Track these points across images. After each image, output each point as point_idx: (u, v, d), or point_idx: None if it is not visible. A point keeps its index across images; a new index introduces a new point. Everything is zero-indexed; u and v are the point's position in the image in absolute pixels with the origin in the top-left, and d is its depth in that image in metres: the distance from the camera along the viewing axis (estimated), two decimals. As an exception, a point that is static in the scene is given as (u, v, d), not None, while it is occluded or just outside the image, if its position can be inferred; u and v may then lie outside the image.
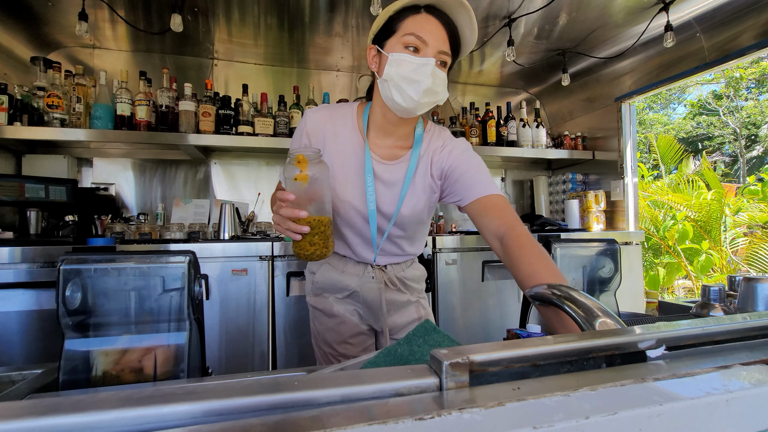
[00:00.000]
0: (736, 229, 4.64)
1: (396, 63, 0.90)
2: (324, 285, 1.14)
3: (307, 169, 0.83)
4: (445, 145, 1.10)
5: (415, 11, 0.91)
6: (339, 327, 1.14)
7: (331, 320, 1.15)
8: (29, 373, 0.79)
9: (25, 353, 1.65)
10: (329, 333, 1.15)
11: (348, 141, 1.03)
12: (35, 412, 0.31)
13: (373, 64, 0.98)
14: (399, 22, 0.92)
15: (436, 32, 0.91)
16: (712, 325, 0.48)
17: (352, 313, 1.15)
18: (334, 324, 1.14)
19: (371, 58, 0.98)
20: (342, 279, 1.12)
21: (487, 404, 0.31)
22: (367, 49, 0.99)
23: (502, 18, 2.23)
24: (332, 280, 1.13)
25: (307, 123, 1.04)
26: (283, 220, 0.83)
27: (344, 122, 1.05)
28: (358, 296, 1.14)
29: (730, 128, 11.66)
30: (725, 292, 1.04)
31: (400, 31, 0.91)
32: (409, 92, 0.91)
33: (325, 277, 1.14)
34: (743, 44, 2.04)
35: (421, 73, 0.90)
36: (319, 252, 0.87)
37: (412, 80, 0.90)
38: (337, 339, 1.14)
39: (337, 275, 1.12)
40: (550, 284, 0.70)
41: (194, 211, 2.41)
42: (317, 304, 1.17)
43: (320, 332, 1.17)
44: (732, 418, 0.33)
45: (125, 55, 2.50)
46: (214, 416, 0.32)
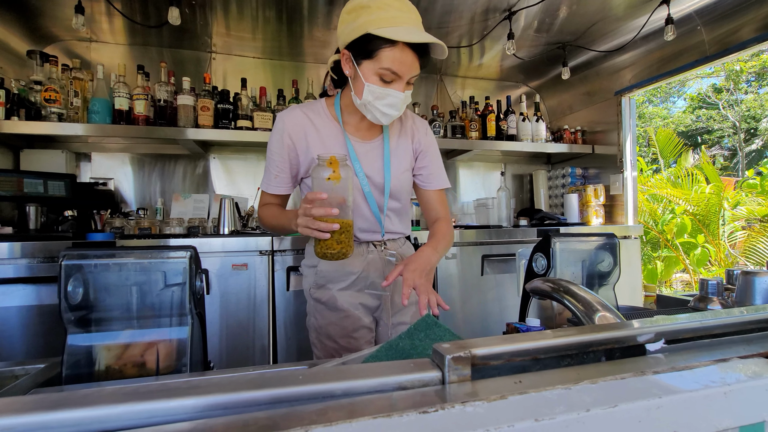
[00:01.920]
0: (734, 222, 4.66)
1: (371, 93, 0.99)
2: (328, 274, 1.15)
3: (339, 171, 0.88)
4: (423, 126, 1.25)
5: (391, 43, 0.94)
6: (343, 321, 1.15)
7: (335, 314, 1.15)
8: (32, 368, 0.80)
9: (27, 348, 1.66)
10: (333, 327, 1.15)
11: (328, 132, 1.11)
12: (42, 407, 0.31)
13: (347, 70, 1.02)
14: (377, 50, 0.95)
15: (410, 64, 0.97)
16: (711, 318, 0.49)
17: (356, 307, 1.16)
18: (338, 318, 1.15)
19: (345, 62, 1.01)
20: (346, 263, 1.13)
21: (489, 397, 0.32)
22: (341, 53, 1.01)
23: (502, 11, 2.22)
24: (336, 266, 1.14)
25: (286, 123, 1.10)
26: (311, 220, 0.87)
27: (320, 116, 1.13)
28: (362, 280, 1.16)
29: (729, 122, 11.65)
30: (723, 285, 1.05)
31: (377, 61, 0.96)
32: (378, 116, 1.03)
33: (330, 265, 1.14)
34: (744, 37, 2.03)
35: (392, 103, 1.00)
36: (344, 250, 0.91)
37: (384, 107, 1.00)
38: (340, 333, 1.15)
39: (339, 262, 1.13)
40: (549, 278, 0.71)
41: (193, 206, 2.40)
42: (321, 297, 1.17)
43: (323, 327, 1.18)
44: (730, 410, 0.34)
45: (122, 48, 2.48)
46: (220, 410, 0.33)
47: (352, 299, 1.16)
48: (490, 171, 3.25)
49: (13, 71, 2.20)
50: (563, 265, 1.19)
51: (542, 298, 1.08)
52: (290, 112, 1.12)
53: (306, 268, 1.22)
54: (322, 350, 1.20)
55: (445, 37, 2.48)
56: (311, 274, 1.18)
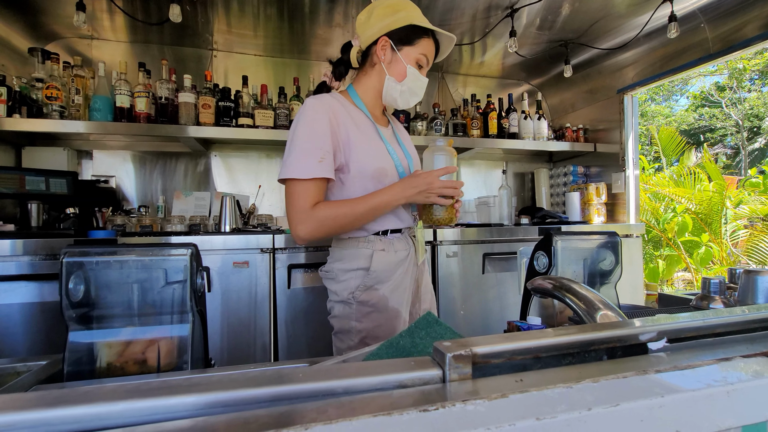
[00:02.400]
0: (736, 221, 4.64)
1: (413, 77, 1.13)
2: (380, 274, 1.12)
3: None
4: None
5: (427, 35, 1.13)
6: (393, 322, 1.13)
7: (384, 315, 1.12)
8: (34, 364, 0.80)
9: (29, 345, 1.66)
10: (381, 330, 1.12)
11: (359, 120, 1.15)
12: (43, 404, 0.31)
13: (381, 54, 1.12)
14: (417, 38, 1.12)
15: (433, 56, 1.17)
16: (713, 317, 0.48)
17: (402, 305, 1.16)
18: (387, 319, 1.12)
19: (382, 49, 1.11)
20: (395, 258, 1.15)
21: (490, 396, 0.32)
22: (380, 40, 1.11)
23: (504, 8, 2.21)
24: (389, 263, 1.13)
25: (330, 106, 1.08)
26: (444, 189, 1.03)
27: (345, 104, 1.16)
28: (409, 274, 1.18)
29: (732, 120, 11.59)
30: (725, 284, 1.05)
31: (418, 48, 1.12)
32: (410, 100, 1.17)
33: (382, 263, 1.12)
34: (748, 35, 2.02)
35: (421, 89, 1.17)
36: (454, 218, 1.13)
37: (415, 93, 1.16)
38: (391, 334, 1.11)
39: (392, 256, 1.14)
40: (551, 277, 0.71)
41: (195, 203, 2.40)
42: (369, 299, 1.11)
43: (371, 330, 1.12)
44: (733, 409, 0.34)
45: (124, 46, 2.48)
46: (220, 407, 0.33)
47: (400, 298, 1.15)
48: (492, 169, 3.24)
49: (15, 69, 2.20)
50: (565, 264, 1.19)
51: (543, 296, 1.08)
52: (325, 98, 1.10)
53: (344, 272, 1.13)
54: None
55: (446, 34, 2.47)
56: (356, 276, 1.12)
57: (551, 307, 1.16)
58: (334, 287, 1.15)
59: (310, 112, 1.06)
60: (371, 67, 1.17)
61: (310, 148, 1.02)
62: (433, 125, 2.67)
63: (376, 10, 1.11)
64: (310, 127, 1.04)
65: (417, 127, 2.64)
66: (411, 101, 1.17)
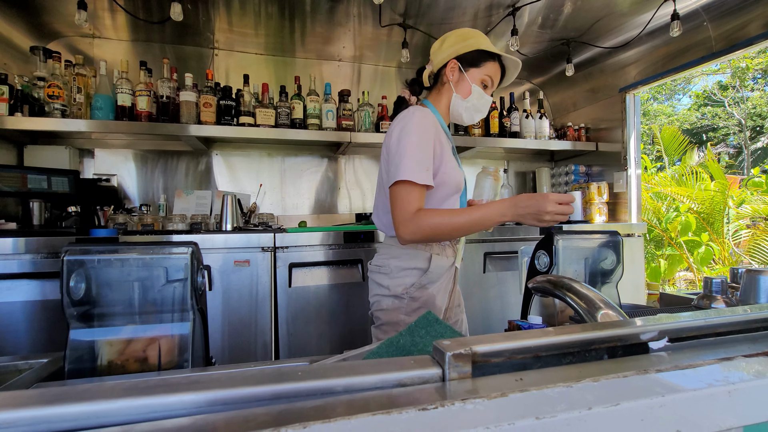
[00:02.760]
0: (739, 221, 4.63)
1: (477, 95, 1.26)
2: (434, 275, 1.22)
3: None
4: None
5: (493, 58, 1.26)
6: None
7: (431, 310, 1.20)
8: (35, 362, 0.80)
9: (31, 343, 1.67)
10: None
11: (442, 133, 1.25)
12: (44, 401, 0.31)
13: (450, 74, 1.26)
14: (483, 61, 1.25)
15: (498, 78, 1.30)
16: (714, 317, 0.48)
17: (444, 304, 1.26)
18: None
19: (450, 69, 1.26)
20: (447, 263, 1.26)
21: (490, 395, 0.32)
22: (450, 62, 1.25)
23: (506, 7, 2.20)
24: (443, 266, 1.24)
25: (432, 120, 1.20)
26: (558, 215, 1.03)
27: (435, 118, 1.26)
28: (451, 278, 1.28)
29: (735, 119, 11.54)
30: (727, 284, 1.04)
31: (483, 69, 1.25)
32: (474, 116, 1.30)
33: (438, 266, 1.22)
34: (751, 33, 2.01)
35: (485, 106, 1.29)
36: None
37: (479, 110, 1.29)
38: None
39: (444, 261, 1.25)
40: (552, 276, 0.71)
41: (196, 202, 2.41)
42: (420, 296, 1.21)
43: None
44: (734, 409, 0.34)
45: (125, 44, 2.48)
46: (219, 405, 0.33)
47: (443, 298, 1.25)
48: (493, 168, 3.23)
49: (17, 67, 2.20)
50: (566, 263, 1.18)
51: (544, 295, 1.07)
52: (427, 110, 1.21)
53: (401, 270, 1.22)
54: None
55: (448, 33, 2.47)
56: (413, 275, 1.21)
57: (552, 306, 1.16)
58: (387, 282, 1.23)
59: (419, 121, 1.14)
60: (441, 86, 1.30)
61: (421, 158, 1.10)
62: (435, 124, 2.67)
63: (449, 38, 1.27)
64: (419, 136, 1.12)
65: (418, 125, 2.63)
66: (475, 117, 1.30)
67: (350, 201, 2.91)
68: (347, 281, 2.07)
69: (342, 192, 2.89)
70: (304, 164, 2.81)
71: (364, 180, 2.94)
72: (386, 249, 1.27)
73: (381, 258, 1.27)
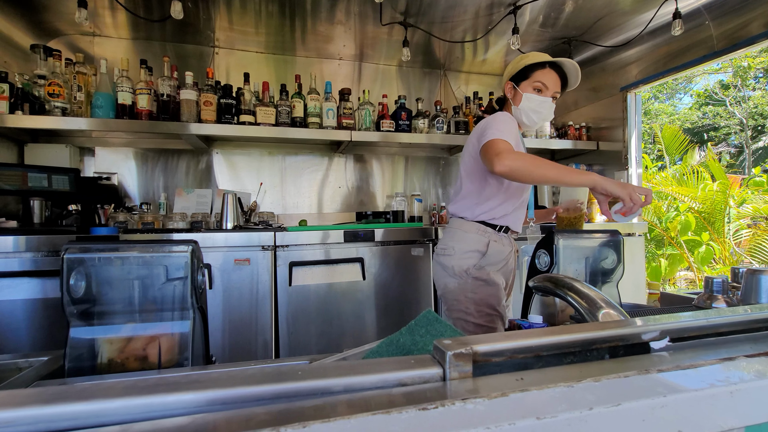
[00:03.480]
0: (740, 220, 4.62)
1: (527, 100, 1.44)
2: (493, 259, 1.43)
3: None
4: None
5: (542, 66, 1.44)
6: (499, 292, 1.42)
7: (493, 288, 1.41)
8: (35, 360, 0.80)
9: (31, 341, 1.67)
10: (492, 298, 1.41)
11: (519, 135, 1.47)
12: (42, 400, 0.31)
13: (509, 94, 1.50)
14: (531, 72, 1.44)
15: (554, 81, 1.44)
16: (716, 317, 0.48)
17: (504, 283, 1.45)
18: (495, 290, 1.41)
19: (508, 89, 1.50)
20: (504, 250, 1.46)
21: (490, 395, 0.31)
22: (506, 84, 1.51)
23: (507, 5, 2.19)
24: (501, 251, 1.45)
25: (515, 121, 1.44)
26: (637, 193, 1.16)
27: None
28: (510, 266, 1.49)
29: (736, 119, 11.52)
30: (728, 283, 1.04)
31: (532, 79, 1.44)
32: (533, 118, 1.46)
33: (496, 251, 1.43)
34: (753, 32, 2.00)
35: (543, 107, 1.44)
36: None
37: (537, 111, 1.45)
38: (498, 302, 1.41)
39: (502, 247, 1.46)
40: (553, 275, 0.70)
41: (196, 200, 2.41)
42: (481, 275, 1.41)
43: (483, 299, 1.40)
44: (736, 409, 0.33)
45: (125, 43, 2.48)
46: (218, 405, 0.33)
47: (503, 277, 1.45)
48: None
49: (17, 65, 2.20)
50: (566, 262, 1.18)
51: (545, 294, 1.07)
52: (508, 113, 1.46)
53: (464, 252, 1.43)
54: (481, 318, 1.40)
55: (449, 32, 2.46)
56: (473, 257, 1.42)
57: (553, 305, 1.16)
58: (451, 263, 1.44)
59: (503, 117, 1.38)
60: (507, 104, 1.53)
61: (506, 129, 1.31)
62: (435, 123, 2.67)
63: (507, 66, 1.52)
64: (505, 123, 1.34)
65: (418, 124, 2.63)
66: (533, 117, 1.45)
67: (351, 200, 2.90)
68: (347, 280, 2.07)
69: (342, 191, 2.89)
70: (304, 163, 2.80)
71: (364, 179, 2.94)
72: (451, 233, 1.49)
73: (445, 241, 1.48)
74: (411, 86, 3.04)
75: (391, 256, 2.15)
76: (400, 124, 2.59)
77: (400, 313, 2.16)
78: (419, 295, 2.20)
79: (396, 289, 2.16)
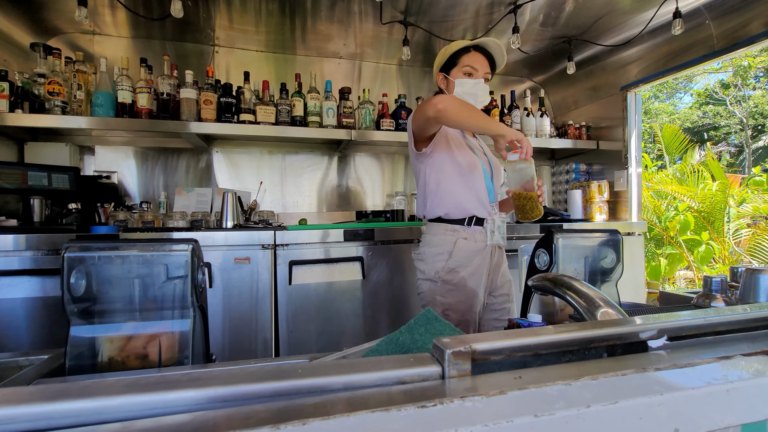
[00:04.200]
0: (739, 220, 4.62)
1: (460, 85, 1.44)
2: (462, 258, 1.39)
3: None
4: None
5: (466, 51, 1.45)
6: (470, 299, 1.40)
7: (462, 293, 1.39)
8: (36, 358, 0.80)
9: (32, 339, 1.67)
10: (461, 304, 1.39)
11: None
12: (44, 398, 0.31)
13: (442, 85, 1.52)
14: (458, 58, 1.46)
15: (482, 63, 1.46)
16: (714, 315, 0.48)
17: (479, 287, 1.42)
18: (465, 296, 1.39)
19: (440, 81, 1.52)
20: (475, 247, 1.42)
21: (489, 393, 0.32)
22: (437, 75, 1.52)
23: (507, 4, 2.19)
24: (470, 249, 1.40)
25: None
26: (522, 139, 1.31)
27: None
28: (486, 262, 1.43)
29: (736, 118, 11.51)
30: (727, 283, 1.04)
31: (460, 64, 1.45)
32: (470, 102, 1.41)
33: (463, 249, 1.39)
34: (753, 32, 2.00)
35: (477, 89, 1.45)
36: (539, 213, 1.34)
37: (472, 94, 1.44)
38: (469, 309, 1.40)
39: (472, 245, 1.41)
40: (552, 274, 0.71)
41: (196, 199, 2.41)
42: (450, 278, 1.39)
43: (452, 304, 1.39)
44: (732, 408, 0.34)
45: (125, 41, 2.47)
46: (219, 402, 0.33)
47: (477, 281, 1.41)
48: (494, 166, 3.23)
49: (17, 64, 2.20)
50: (566, 261, 1.18)
51: (544, 293, 1.07)
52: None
53: (433, 255, 1.41)
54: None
55: (449, 30, 2.46)
56: (442, 259, 1.39)
57: (552, 304, 1.16)
58: (423, 267, 1.43)
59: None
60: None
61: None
62: (435, 122, 2.67)
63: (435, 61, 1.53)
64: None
65: (419, 123, 2.63)
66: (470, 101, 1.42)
67: (351, 199, 2.91)
68: (347, 279, 2.08)
69: (342, 190, 2.89)
70: (304, 162, 2.80)
71: (364, 178, 2.94)
72: (423, 237, 1.50)
73: (420, 245, 1.49)
74: (411, 85, 3.04)
75: (390, 255, 2.15)
76: (400, 123, 2.59)
77: (400, 311, 2.16)
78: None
79: (396, 288, 2.16)
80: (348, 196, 2.90)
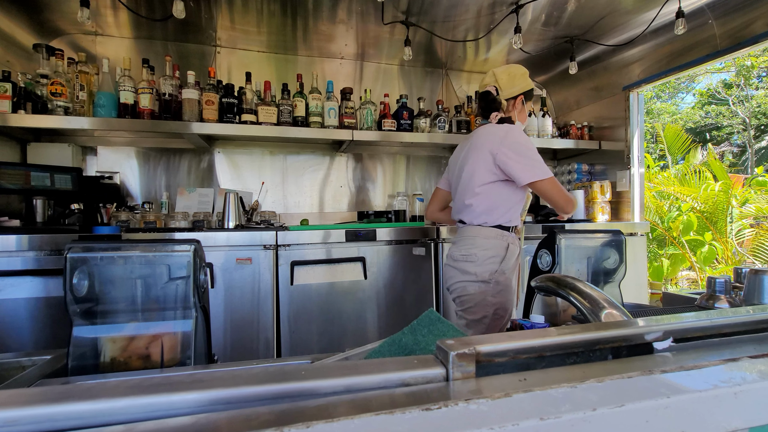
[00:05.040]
0: (742, 220, 4.60)
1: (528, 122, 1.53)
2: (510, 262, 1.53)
3: None
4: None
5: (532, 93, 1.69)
6: (513, 296, 1.54)
7: (510, 292, 1.52)
8: (39, 359, 0.80)
9: (34, 339, 1.68)
10: (509, 303, 1.51)
11: None
12: (46, 399, 0.31)
13: (517, 108, 1.64)
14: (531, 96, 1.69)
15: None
16: (719, 317, 0.48)
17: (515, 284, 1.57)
18: (511, 295, 1.53)
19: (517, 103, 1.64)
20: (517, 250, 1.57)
21: (493, 395, 0.31)
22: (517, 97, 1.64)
23: (509, 4, 2.19)
24: (515, 253, 1.55)
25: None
26: None
27: None
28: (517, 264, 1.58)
29: (739, 118, 11.47)
30: (731, 284, 1.04)
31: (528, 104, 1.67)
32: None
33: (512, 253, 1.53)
34: (756, 31, 1.99)
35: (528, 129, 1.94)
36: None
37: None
38: (512, 305, 1.53)
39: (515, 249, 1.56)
40: (555, 275, 0.70)
41: (198, 200, 2.41)
42: (502, 280, 1.50)
43: (501, 303, 1.49)
44: (740, 410, 0.33)
45: (127, 42, 2.48)
46: (221, 404, 0.33)
47: (516, 280, 1.58)
48: (496, 167, 3.22)
49: (20, 65, 2.21)
50: (568, 262, 1.18)
51: (547, 294, 1.07)
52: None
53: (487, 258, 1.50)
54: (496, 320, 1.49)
55: (451, 31, 2.46)
56: (496, 262, 1.50)
57: (555, 305, 1.16)
58: (474, 269, 1.51)
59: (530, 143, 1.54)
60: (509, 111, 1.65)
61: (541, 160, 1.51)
62: (437, 122, 2.66)
63: (518, 76, 1.63)
64: (535, 152, 1.52)
65: (420, 124, 2.63)
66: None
67: (352, 199, 2.90)
68: (349, 279, 2.08)
69: (344, 190, 2.89)
70: (306, 162, 2.80)
71: (365, 178, 2.94)
72: (471, 240, 1.55)
73: (466, 248, 1.54)
74: (413, 85, 3.04)
75: (392, 256, 2.15)
76: (402, 124, 2.59)
77: (402, 312, 2.16)
78: (421, 294, 2.20)
79: (398, 288, 2.16)
80: (350, 197, 2.90)
